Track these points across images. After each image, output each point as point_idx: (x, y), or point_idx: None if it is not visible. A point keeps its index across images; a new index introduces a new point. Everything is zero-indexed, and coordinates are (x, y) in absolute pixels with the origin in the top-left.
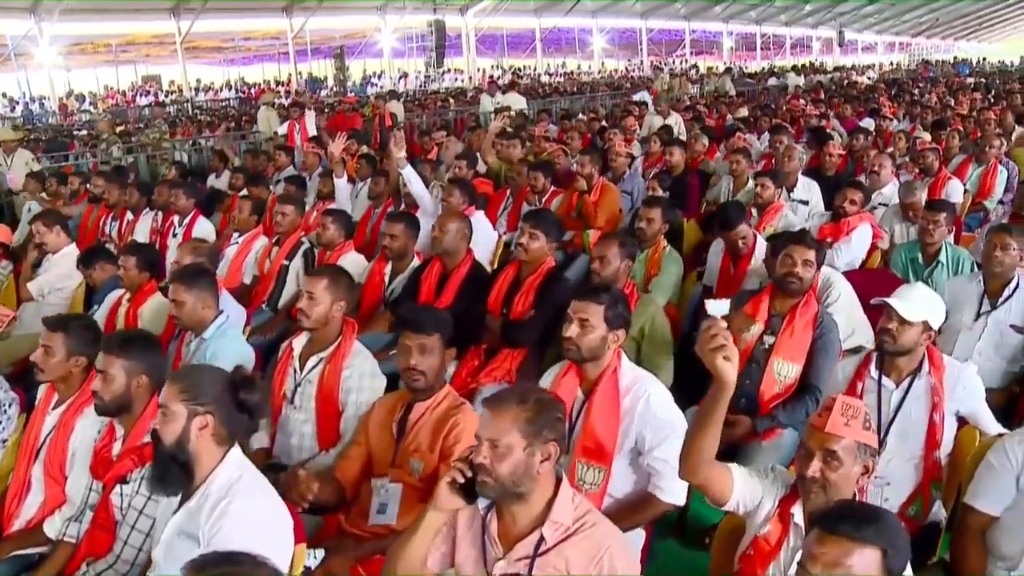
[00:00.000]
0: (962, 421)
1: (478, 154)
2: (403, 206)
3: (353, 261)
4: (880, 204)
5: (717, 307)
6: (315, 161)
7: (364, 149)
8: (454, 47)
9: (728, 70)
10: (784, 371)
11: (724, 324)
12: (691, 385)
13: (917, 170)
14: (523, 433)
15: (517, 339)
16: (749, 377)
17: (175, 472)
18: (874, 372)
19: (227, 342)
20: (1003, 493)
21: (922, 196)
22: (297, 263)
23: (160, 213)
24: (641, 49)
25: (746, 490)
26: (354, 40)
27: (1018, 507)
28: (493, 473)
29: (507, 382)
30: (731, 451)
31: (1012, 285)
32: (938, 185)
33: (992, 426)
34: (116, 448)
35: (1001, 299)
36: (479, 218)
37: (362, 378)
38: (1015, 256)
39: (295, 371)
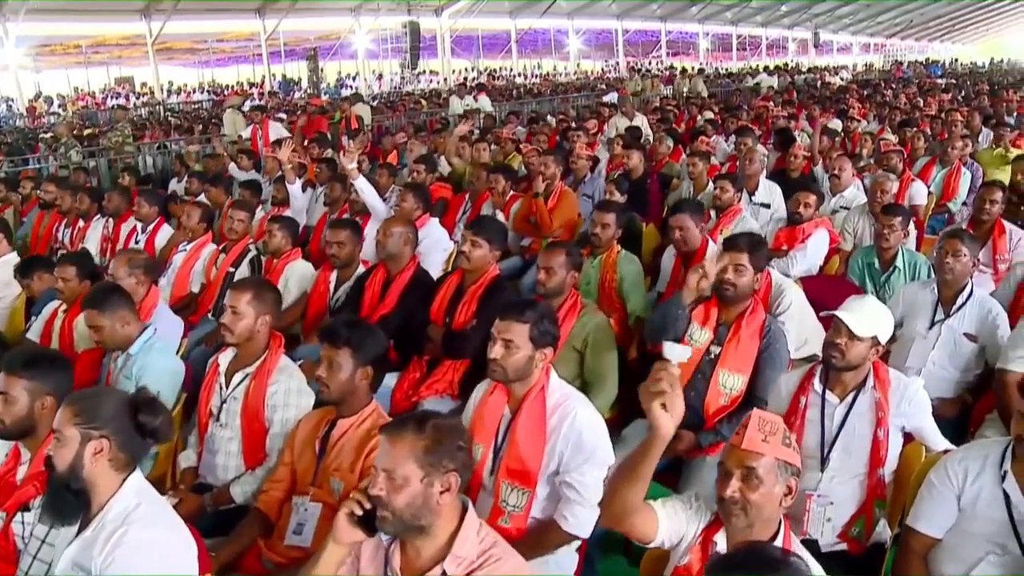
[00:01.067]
0: (908, 437)
1: (441, 158)
2: (352, 213)
3: (300, 269)
4: (841, 207)
5: (676, 352)
6: (275, 166)
7: (328, 153)
8: (429, 49)
9: (701, 71)
10: (730, 383)
11: (677, 372)
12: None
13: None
14: (420, 463)
15: (458, 350)
16: (694, 389)
17: (69, 500)
18: (818, 386)
19: (154, 357)
20: (944, 514)
21: (893, 187)
22: (243, 271)
23: (111, 220)
24: (617, 50)
25: (672, 527)
26: (329, 42)
27: (960, 528)
28: (390, 506)
29: (449, 395)
30: (675, 466)
31: (965, 293)
32: (902, 187)
33: (939, 442)
34: (21, 473)
35: (955, 307)
36: (433, 225)
37: (288, 395)
38: (967, 263)
39: (221, 387)
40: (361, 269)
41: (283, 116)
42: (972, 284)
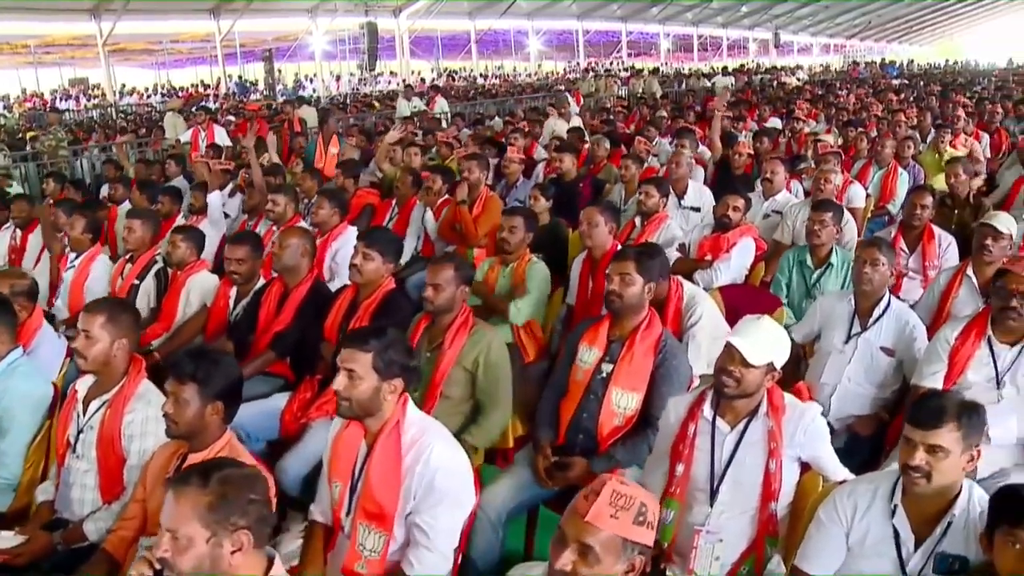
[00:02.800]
0: (807, 466)
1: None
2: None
3: (202, 281)
4: (773, 212)
5: None
6: (203, 171)
7: (273, 158)
8: (389, 50)
9: (655, 71)
10: (624, 402)
11: None
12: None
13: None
14: (204, 522)
15: None
16: (587, 410)
17: None
18: (708, 413)
19: (16, 380)
20: (834, 552)
21: (837, 179)
22: (148, 283)
23: (19, 230)
24: (578, 51)
25: None
26: (286, 43)
27: (849, 567)
28: (176, 569)
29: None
30: (567, 495)
31: (883, 304)
32: (840, 190)
33: (838, 472)
34: None
35: (872, 319)
36: (351, 234)
37: (146, 423)
38: (885, 272)
39: (78, 416)
40: (261, 282)
41: (232, 119)
42: (889, 295)
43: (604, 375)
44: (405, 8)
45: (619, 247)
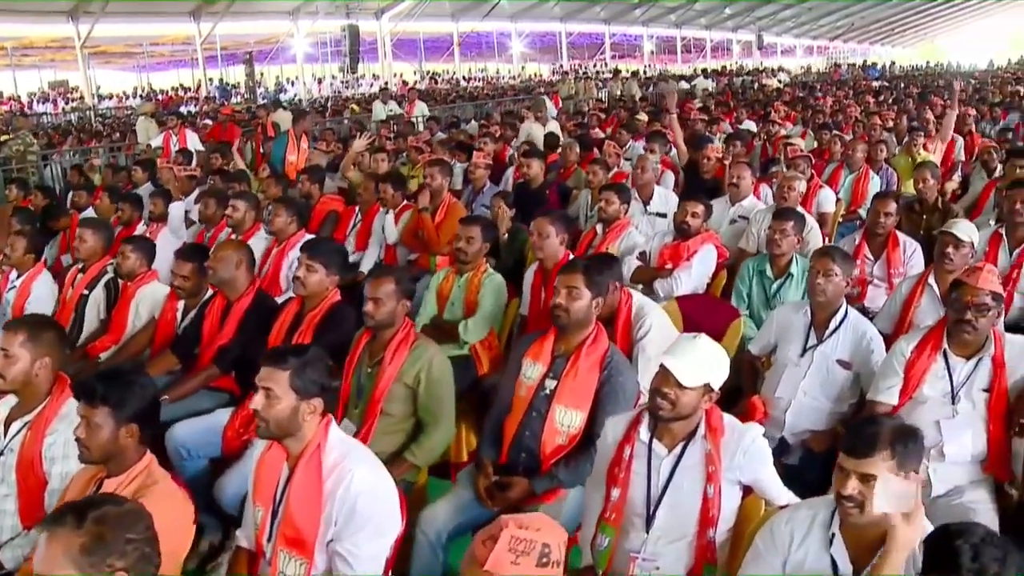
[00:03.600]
0: (749, 489)
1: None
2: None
3: (151, 293)
4: (740, 218)
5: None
6: (170, 177)
7: (238, 163)
8: (371, 52)
9: (634, 73)
10: (567, 420)
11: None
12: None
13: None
14: (78, 565)
15: None
16: (529, 428)
17: None
18: (644, 435)
19: None
20: None
21: (801, 186)
22: (98, 294)
23: None
24: (561, 53)
25: None
26: (268, 46)
27: None
28: None
29: None
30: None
31: (839, 316)
32: (809, 194)
33: (781, 495)
34: None
35: (828, 331)
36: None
37: (68, 445)
38: (840, 283)
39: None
40: (209, 294)
41: (208, 123)
42: (846, 306)
43: (547, 392)
44: (387, 10)
45: (570, 258)
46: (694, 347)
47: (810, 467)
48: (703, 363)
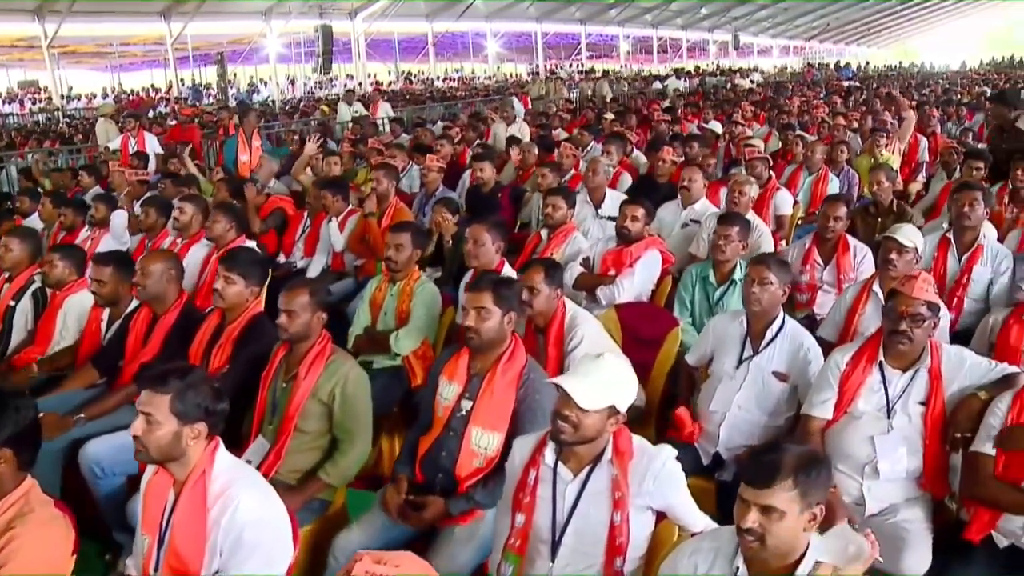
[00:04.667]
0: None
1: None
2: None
3: (79, 303)
4: (692, 221)
5: None
6: (122, 181)
7: (189, 167)
8: (345, 53)
9: (605, 73)
10: (484, 442)
11: None
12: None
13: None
14: None
15: None
16: (446, 449)
17: None
18: (550, 458)
19: None
20: None
21: (752, 190)
22: (25, 304)
23: None
24: (537, 53)
25: None
26: (241, 46)
27: None
28: None
29: None
30: (423, 538)
31: (775, 326)
32: (766, 195)
33: (696, 521)
34: None
35: (764, 343)
36: (251, 248)
37: None
38: (776, 291)
39: None
40: (134, 304)
41: (173, 123)
42: (784, 315)
43: (464, 413)
44: (361, 10)
45: (480, 275)
46: (596, 368)
47: None
48: (605, 384)
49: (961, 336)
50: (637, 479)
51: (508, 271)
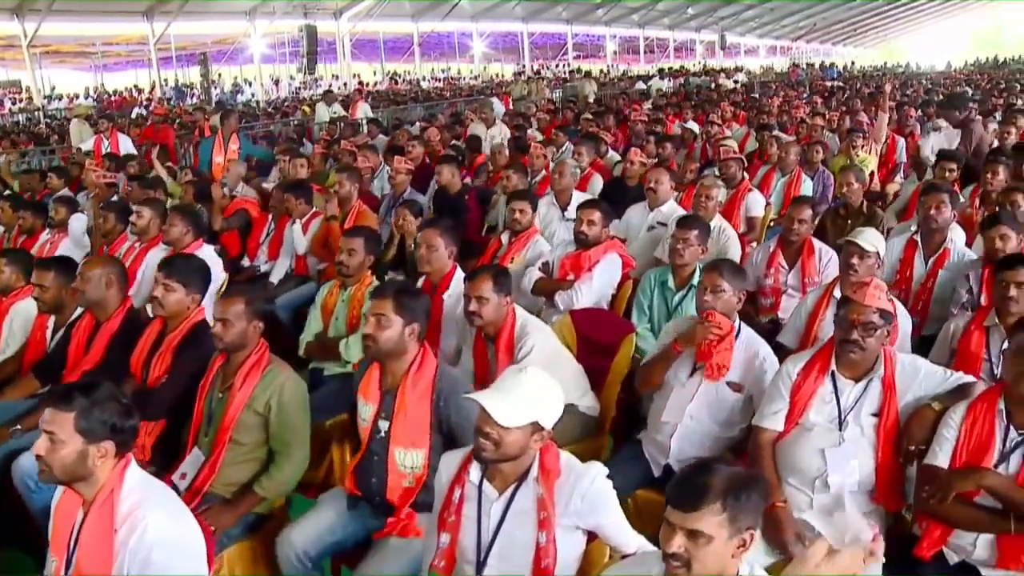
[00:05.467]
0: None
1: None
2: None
3: (26, 308)
4: (659, 224)
5: None
6: (93, 182)
7: (158, 170)
8: (331, 53)
9: (587, 73)
10: (408, 461)
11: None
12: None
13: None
14: None
15: (144, 410)
16: (374, 474)
17: None
18: (475, 475)
19: None
20: None
21: (719, 193)
22: None
23: None
24: (523, 53)
25: None
26: (226, 46)
27: None
28: None
29: (141, 462)
30: (360, 548)
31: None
32: (737, 197)
33: (628, 542)
34: None
35: None
36: (206, 252)
37: None
38: (729, 300)
39: None
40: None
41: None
42: (739, 324)
43: (383, 435)
44: (346, 10)
45: (456, 271)
46: (517, 383)
47: None
48: (527, 400)
49: (928, 341)
50: (564, 498)
51: (460, 277)
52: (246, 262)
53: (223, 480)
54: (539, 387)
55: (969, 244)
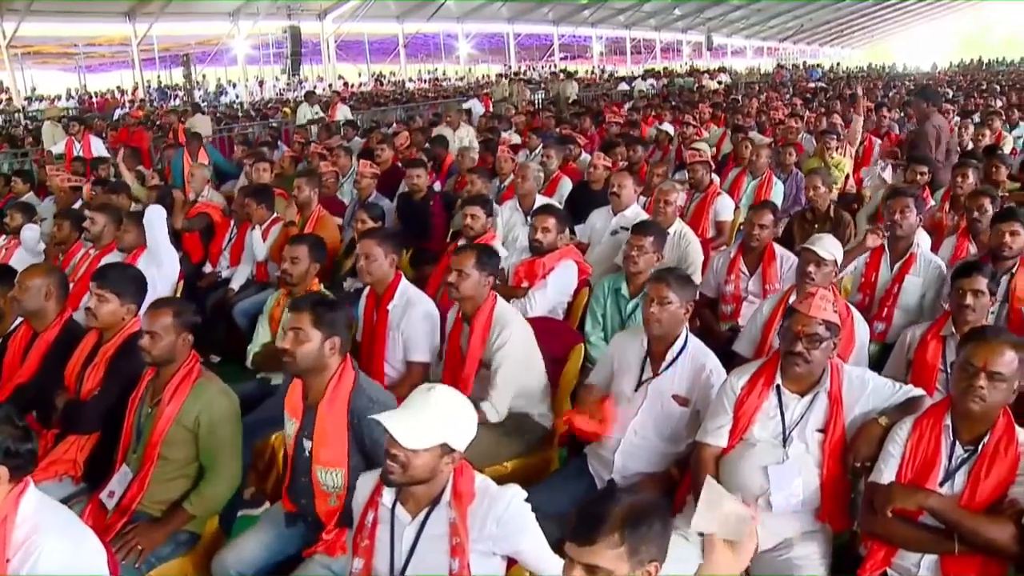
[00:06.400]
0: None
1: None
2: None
3: None
4: (622, 228)
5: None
6: (57, 186)
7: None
8: (316, 54)
9: (569, 74)
10: (330, 480)
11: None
12: None
13: (688, 185)
14: None
15: (75, 423)
16: (303, 496)
17: None
18: (388, 498)
19: None
20: None
21: (678, 198)
22: None
23: None
24: (509, 54)
25: None
26: (210, 47)
27: None
28: None
29: (71, 477)
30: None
31: (677, 347)
32: (706, 201)
33: (549, 567)
34: None
35: (664, 364)
36: (126, 264)
37: None
38: (676, 311)
39: None
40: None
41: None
42: (688, 335)
43: (307, 453)
44: (330, 11)
45: (401, 281)
46: (424, 404)
47: None
48: (435, 421)
49: (892, 349)
50: (478, 523)
51: (405, 286)
52: (208, 268)
53: (152, 498)
54: (448, 408)
55: (935, 249)
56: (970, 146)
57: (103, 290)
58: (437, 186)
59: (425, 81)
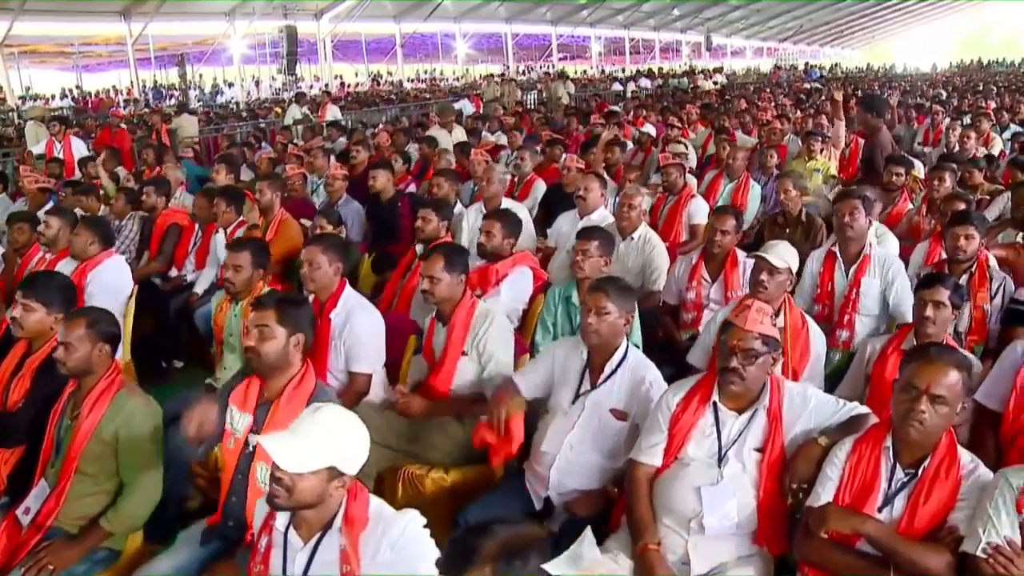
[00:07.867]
0: None
1: None
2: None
3: None
4: None
5: None
6: (28, 188)
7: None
8: (312, 54)
9: (561, 74)
10: (266, 477)
11: None
12: None
13: (661, 189)
14: None
15: (2, 436)
16: (236, 492)
17: None
18: (281, 523)
19: None
20: None
21: (643, 202)
22: None
23: None
24: (507, 54)
25: None
26: (206, 47)
27: None
28: None
29: None
30: None
31: (616, 359)
32: (680, 204)
33: None
34: None
35: (603, 377)
36: (111, 265)
37: None
38: (616, 322)
39: None
40: None
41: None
42: (627, 347)
43: (251, 449)
44: (326, 11)
45: (345, 287)
46: (311, 425)
47: (571, 535)
48: (320, 444)
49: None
50: (370, 550)
51: (349, 295)
52: (174, 272)
53: (70, 514)
54: (336, 430)
55: (904, 255)
56: (956, 147)
57: (28, 299)
58: (414, 187)
59: (423, 81)
